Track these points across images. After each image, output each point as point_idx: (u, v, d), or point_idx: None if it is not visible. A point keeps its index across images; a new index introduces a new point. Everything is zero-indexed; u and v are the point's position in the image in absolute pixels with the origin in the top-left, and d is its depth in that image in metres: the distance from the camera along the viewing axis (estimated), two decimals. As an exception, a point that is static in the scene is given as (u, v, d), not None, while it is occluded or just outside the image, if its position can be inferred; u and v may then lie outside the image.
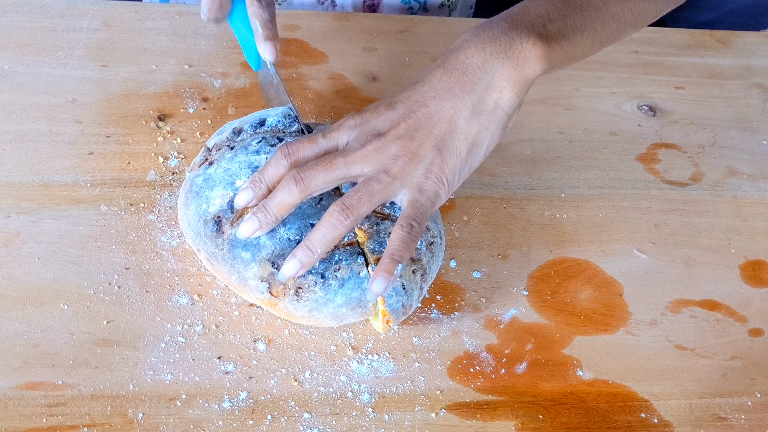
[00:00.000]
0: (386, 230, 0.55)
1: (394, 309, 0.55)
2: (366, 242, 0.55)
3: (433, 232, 0.59)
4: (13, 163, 0.66)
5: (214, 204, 0.56)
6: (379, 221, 0.56)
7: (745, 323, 0.65)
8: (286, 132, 0.60)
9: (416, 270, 0.56)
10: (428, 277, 0.58)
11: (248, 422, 0.53)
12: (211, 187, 0.56)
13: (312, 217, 0.54)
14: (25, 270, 0.59)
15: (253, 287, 0.54)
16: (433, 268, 0.59)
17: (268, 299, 0.54)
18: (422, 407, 0.56)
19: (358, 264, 0.54)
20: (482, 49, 0.52)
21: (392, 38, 0.83)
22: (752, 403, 0.60)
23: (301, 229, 0.54)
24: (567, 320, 0.62)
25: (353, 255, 0.54)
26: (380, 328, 0.57)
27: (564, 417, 0.57)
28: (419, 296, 0.57)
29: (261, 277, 0.54)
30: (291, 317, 0.56)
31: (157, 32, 0.78)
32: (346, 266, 0.54)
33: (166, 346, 0.56)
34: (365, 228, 0.55)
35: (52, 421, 0.52)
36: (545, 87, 0.81)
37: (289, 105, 0.61)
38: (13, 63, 0.74)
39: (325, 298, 0.54)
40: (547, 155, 0.75)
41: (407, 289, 0.55)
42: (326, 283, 0.53)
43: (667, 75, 0.85)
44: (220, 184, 0.56)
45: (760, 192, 0.75)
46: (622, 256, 0.68)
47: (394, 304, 0.54)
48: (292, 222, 0.54)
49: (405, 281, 0.55)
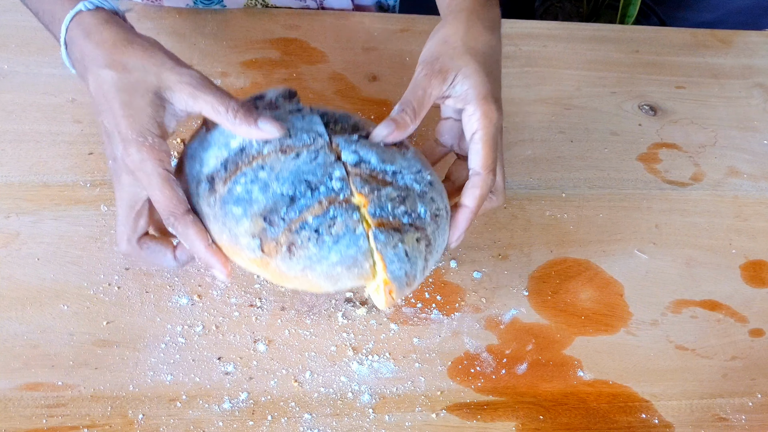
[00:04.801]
0: (387, 196, 0.52)
1: (397, 277, 0.51)
2: (366, 206, 0.52)
3: (438, 205, 0.55)
4: (13, 163, 0.66)
5: (209, 165, 0.54)
6: (380, 187, 0.53)
7: (745, 324, 0.65)
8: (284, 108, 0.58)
9: (420, 238, 0.53)
10: (433, 250, 0.54)
11: (248, 423, 0.53)
12: (206, 149, 0.54)
13: (307, 173, 0.51)
14: (25, 270, 0.59)
15: (245, 245, 0.51)
16: (438, 242, 0.55)
17: (259, 258, 0.51)
18: (423, 408, 0.56)
19: (354, 220, 0.51)
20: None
21: (392, 38, 0.83)
22: (753, 404, 0.60)
23: (294, 184, 0.51)
24: (567, 320, 0.62)
25: (349, 211, 0.51)
26: (382, 303, 0.54)
27: (564, 417, 0.57)
28: (423, 269, 0.54)
29: (252, 233, 0.51)
30: (283, 279, 0.52)
31: (157, 32, 0.78)
32: (342, 222, 0.50)
33: (166, 346, 0.56)
34: (365, 192, 0.52)
35: (52, 422, 0.52)
36: (546, 87, 0.81)
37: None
38: (13, 63, 0.74)
39: (318, 254, 0.50)
40: (547, 155, 0.75)
41: (410, 257, 0.52)
42: (320, 239, 0.50)
43: (668, 75, 0.85)
44: (215, 145, 0.54)
45: (761, 192, 0.75)
46: (622, 257, 0.68)
47: (396, 271, 0.51)
48: (285, 177, 0.51)
49: (408, 248, 0.52)
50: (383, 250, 0.51)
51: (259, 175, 0.51)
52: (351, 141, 0.54)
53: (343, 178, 0.51)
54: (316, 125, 0.54)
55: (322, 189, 0.51)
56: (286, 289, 0.61)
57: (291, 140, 0.53)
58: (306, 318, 0.59)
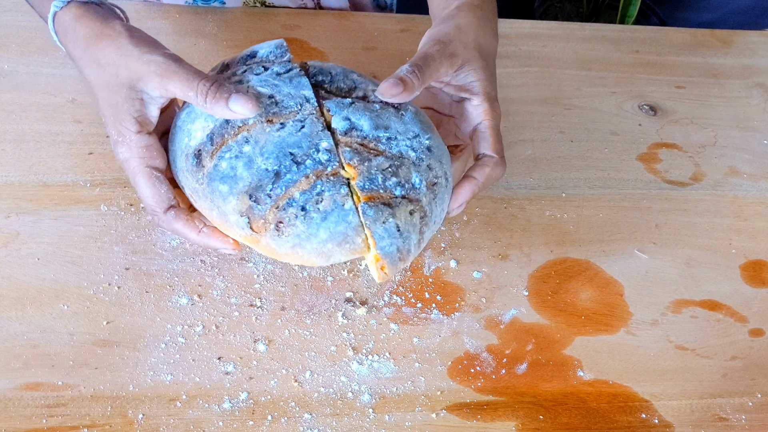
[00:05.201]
0: (378, 167, 0.50)
1: (388, 253, 0.50)
2: (356, 179, 0.50)
3: (436, 172, 0.53)
4: (13, 163, 0.65)
5: (195, 137, 0.52)
6: (370, 157, 0.51)
7: (745, 323, 0.64)
8: (275, 62, 0.56)
9: (414, 211, 0.51)
10: (429, 221, 0.53)
11: (248, 423, 0.53)
12: (193, 120, 0.53)
13: (292, 146, 0.49)
14: (25, 270, 0.59)
15: (234, 223, 0.50)
16: (435, 212, 0.53)
17: (250, 235, 0.51)
18: (423, 408, 0.56)
19: (342, 195, 0.49)
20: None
21: (392, 38, 0.83)
22: (753, 404, 0.60)
23: (279, 159, 0.49)
24: (567, 320, 0.62)
25: (336, 185, 0.49)
26: (377, 277, 0.52)
27: (564, 417, 0.57)
28: (419, 242, 0.52)
29: (240, 211, 0.50)
30: (276, 255, 0.51)
31: (157, 32, 0.78)
32: (329, 197, 0.49)
33: (166, 346, 0.56)
34: (354, 163, 0.50)
35: (52, 422, 0.52)
36: (546, 87, 0.81)
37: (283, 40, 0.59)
38: (13, 63, 0.74)
39: (307, 232, 0.49)
40: (547, 155, 0.75)
41: (402, 231, 0.50)
42: (307, 216, 0.49)
43: (667, 74, 0.85)
44: (202, 115, 0.52)
45: (761, 192, 0.75)
46: (622, 256, 0.68)
47: (387, 247, 0.50)
48: (270, 152, 0.49)
49: (399, 222, 0.50)
50: (372, 226, 0.49)
51: (244, 150, 0.50)
52: (343, 105, 0.52)
53: (330, 150, 0.49)
54: (303, 89, 0.52)
55: (308, 162, 0.49)
56: (286, 289, 0.61)
57: (277, 107, 0.51)
58: (306, 318, 0.59)
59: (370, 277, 0.62)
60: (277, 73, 0.54)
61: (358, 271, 0.63)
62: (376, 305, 0.61)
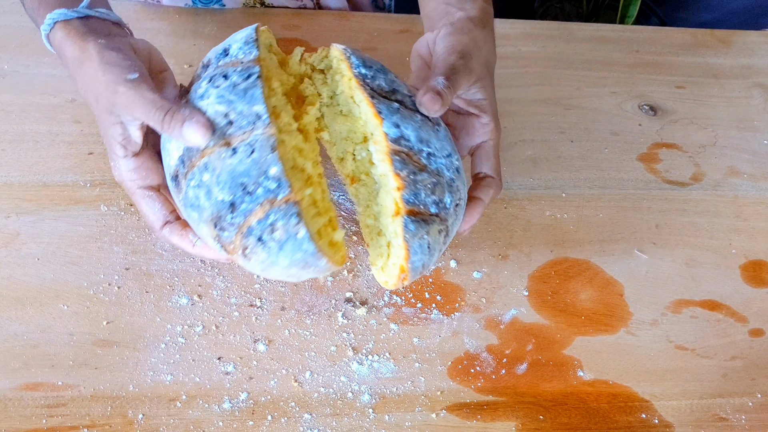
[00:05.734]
0: (422, 182, 0.51)
1: (415, 267, 0.51)
2: (402, 189, 0.50)
3: (461, 194, 0.54)
4: (13, 163, 0.66)
5: (173, 157, 0.52)
6: (417, 171, 0.51)
7: (745, 323, 0.64)
8: (243, 62, 0.53)
9: (441, 230, 0.52)
10: (447, 240, 0.54)
11: (248, 423, 0.53)
12: (169, 139, 0.52)
13: (243, 174, 0.48)
14: (25, 270, 0.59)
15: (212, 245, 0.51)
16: (452, 232, 0.54)
17: (226, 256, 0.51)
18: (422, 408, 0.56)
19: (293, 225, 0.48)
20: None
21: (392, 38, 0.83)
22: (753, 404, 0.60)
23: (232, 189, 0.48)
24: (567, 320, 0.62)
25: (288, 215, 0.48)
26: (388, 283, 0.53)
27: (564, 417, 0.57)
28: (438, 257, 0.54)
29: (212, 236, 0.50)
30: (254, 273, 0.53)
31: (157, 32, 0.78)
32: (282, 227, 0.48)
33: (166, 346, 0.56)
34: (403, 175, 0.50)
35: (52, 422, 0.52)
36: (546, 87, 0.81)
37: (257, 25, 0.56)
38: (13, 63, 0.74)
39: (269, 260, 0.49)
40: (547, 155, 0.75)
41: (431, 249, 0.52)
42: (265, 245, 0.49)
43: (667, 74, 0.85)
44: None
45: (761, 192, 0.75)
46: (622, 256, 0.68)
47: (416, 262, 0.51)
48: (224, 182, 0.49)
49: (431, 240, 0.51)
50: (410, 240, 0.50)
51: (203, 179, 0.50)
52: (392, 110, 0.52)
53: (278, 177, 0.48)
54: (255, 104, 0.50)
55: (259, 191, 0.48)
56: (286, 289, 0.61)
57: (231, 127, 0.50)
58: (306, 318, 0.59)
59: (370, 277, 0.62)
60: (234, 84, 0.51)
61: (358, 271, 0.63)
62: (376, 305, 0.61)
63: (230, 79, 0.51)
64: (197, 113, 0.50)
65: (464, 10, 0.61)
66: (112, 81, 0.51)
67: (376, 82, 0.54)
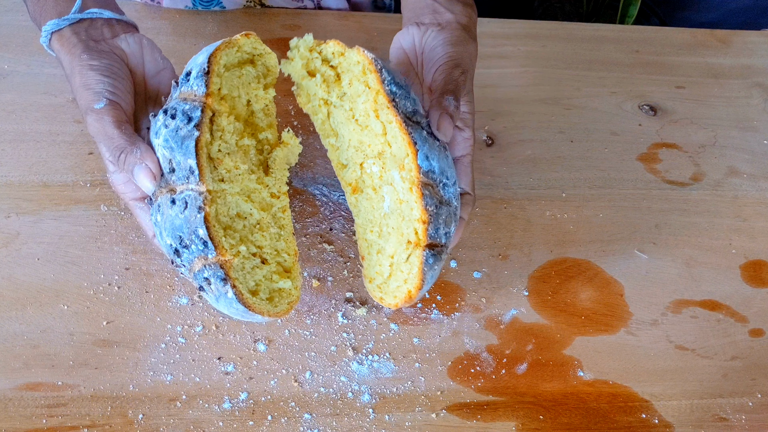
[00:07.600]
0: (441, 215, 0.52)
1: (421, 295, 0.53)
2: (426, 224, 0.51)
3: (457, 218, 0.55)
4: (13, 163, 0.66)
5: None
6: (440, 206, 0.52)
7: (745, 324, 0.64)
8: (194, 97, 0.51)
9: (444, 258, 0.54)
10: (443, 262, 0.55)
11: (248, 423, 0.53)
12: None
13: (179, 228, 0.49)
14: (25, 270, 0.59)
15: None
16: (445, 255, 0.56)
17: None
18: (423, 408, 0.56)
19: (221, 287, 0.49)
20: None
21: (392, 38, 0.82)
22: (753, 404, 0.60)
23: (174, 238, 0.50)
24: (567, 320, 0.62)
25: (216, 276, 0.49)
26: (384, 301, 0.54)
27: (564, 417, 0.57)
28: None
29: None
30: None
31: (157, 32, 0.78)
32: (214, 284, 0.49)
33: (166, 346, 0.56)
34: (430, 210, 0.51)
35: (52, 422, 0.52)
36: (546, 87, 0.81)
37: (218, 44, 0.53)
38: (13, 63, 0.74)
39: (216, 304, 0.51)
40: (547, 155, 0.75)
41: (435, 277, 0.53)
42: (207, 294, 0.51)
43: (667, 74, 0.85)
44: None
45: (760, 192, 0.75)
46: (622, 256, 0.68)
47: (423, 290, 0.52)
48: (168, 229, 0.50)
49: (437, 269, 0.53)
50: (427, 272, 0.51)
51: (158, 219, 0.51)
52: (423, 139, 0.52)
53: (204, 239, 0.48)
54: (189, 157, 0.49)
55: (193, 247, 0.49)
56: (286, 289, 0.61)
57: (173, 175, 0.50)
58: (306, 318, 0.59)
59: (370, 277, 0.62)
60: (177, 129, 0.50)
61: (358, 271, 0.63)
62: (376, 305, 0.61)
63: (176, 120, 0.51)
64: (148, 156, 0.50)
65: (453, 12, 0.61)
66: (84, 106, 0.53)
67: (403, 102, 0.54)
